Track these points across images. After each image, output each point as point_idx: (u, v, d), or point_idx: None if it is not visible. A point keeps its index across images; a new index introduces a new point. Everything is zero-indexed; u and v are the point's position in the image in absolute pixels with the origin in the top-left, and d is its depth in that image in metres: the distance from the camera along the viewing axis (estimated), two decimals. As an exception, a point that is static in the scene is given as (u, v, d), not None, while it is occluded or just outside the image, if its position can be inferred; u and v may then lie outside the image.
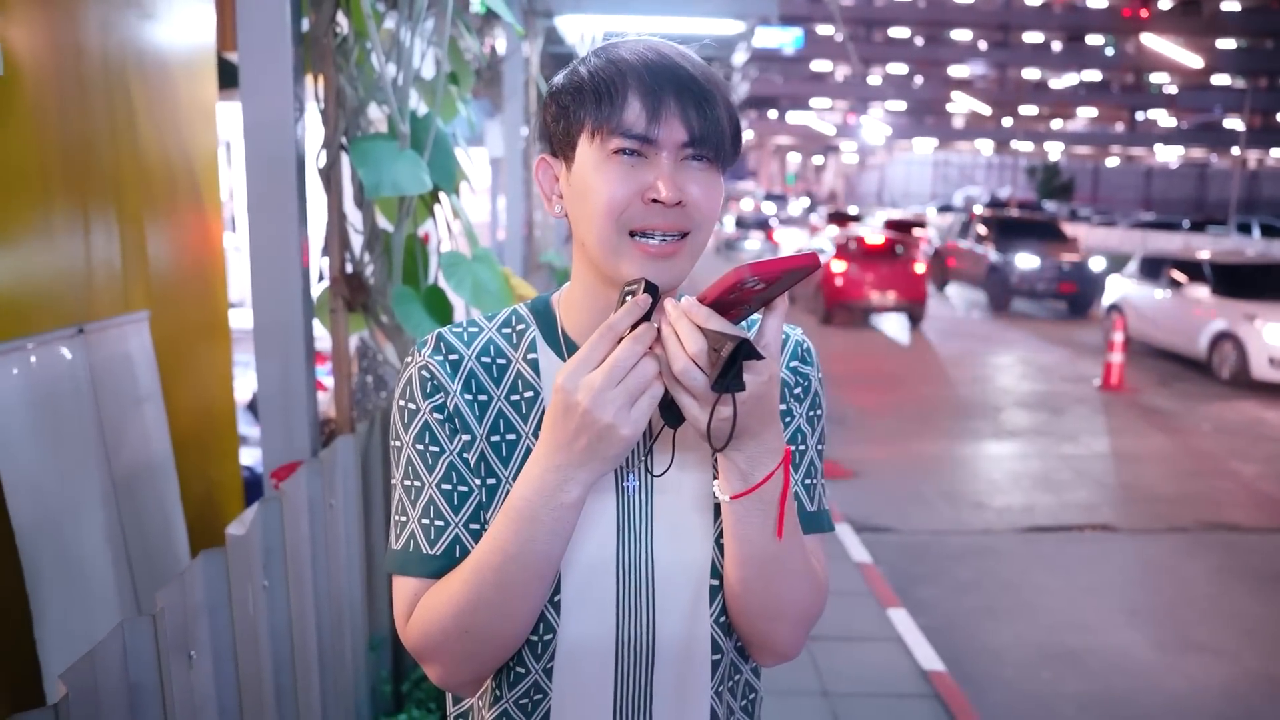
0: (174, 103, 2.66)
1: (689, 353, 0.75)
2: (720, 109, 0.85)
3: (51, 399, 2.02)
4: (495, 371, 0.92)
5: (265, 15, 1.95)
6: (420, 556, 0.87)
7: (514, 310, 0.97)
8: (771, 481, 0.82)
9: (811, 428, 0.97)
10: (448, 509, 0.88)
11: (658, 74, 0.83)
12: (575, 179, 0.86)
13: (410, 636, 0.87)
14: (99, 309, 2.25)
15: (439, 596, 0.85)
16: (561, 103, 0.87)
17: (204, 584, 1.34)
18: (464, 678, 0.88)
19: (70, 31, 2.16)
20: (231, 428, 3.16)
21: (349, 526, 2.07)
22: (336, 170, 2.21)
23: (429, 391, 0.89)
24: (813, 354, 0.99)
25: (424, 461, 0.89)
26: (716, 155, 0.85)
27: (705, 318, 0.76)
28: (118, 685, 1.12)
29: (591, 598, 0.89)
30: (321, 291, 2.34)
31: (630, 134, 0.82)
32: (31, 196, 2.00)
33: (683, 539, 0.91)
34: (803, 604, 0.91)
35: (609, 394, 0.75)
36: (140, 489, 2.35)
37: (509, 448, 0.90)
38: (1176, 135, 54.79)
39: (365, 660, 2.17)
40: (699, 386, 0.76)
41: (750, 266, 0.72)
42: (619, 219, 0.83)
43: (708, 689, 0.91)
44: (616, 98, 0.82)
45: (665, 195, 0.81)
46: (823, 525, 0.97)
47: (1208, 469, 6.52)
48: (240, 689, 1.48)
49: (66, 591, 1.97)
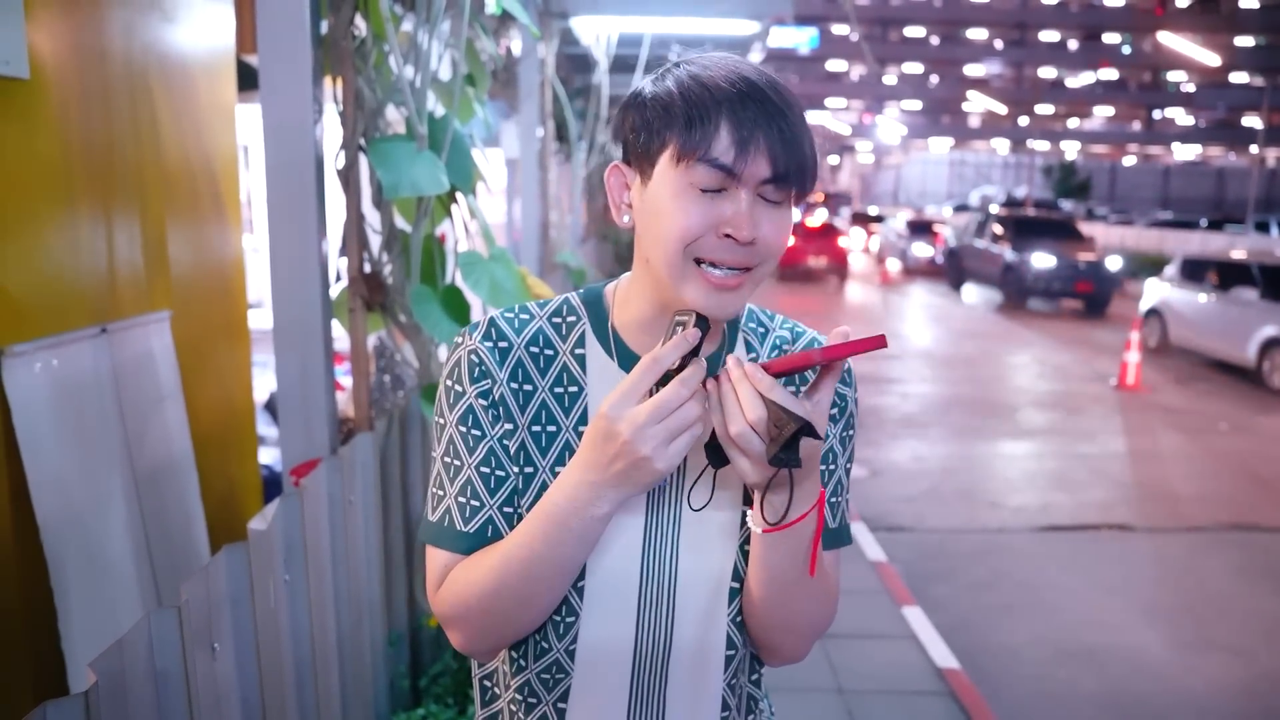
0: (195, 105, 2.70)
1: (749, 419, 0.77)
2: (805, 145, 0.84)
3: (75, 397, 2.05)
4: (542, 362, 0.93)
5: (285, 18, 1.98)
6: (454, 533, 0.90)
7: (566, 300, 0.97)
8: (807, 521, 0.84)
9: (843, 447, 0.99)
10: (484, 491, 0.90)
11: (751, 105, 0.81)
12: (650, 196, 0.86)
13: (439, 604, 0.91)
14: (121, 309, 2.28)
15: (468, 574, 0.88)
16: (646, 116, 0.86)
17: (227, 577, 1.37)
18: (483, 647, 0.92)
19: (94, 35, 2.19)
20: (251, 427, 3.20)
21: (368, 523, 2.10)
22: (355, 171, 2.24)
23: (476, 377, 0.91)
24: (851, 375, 0.99)
25: (465, 443, 0.91)
26: (797, 192, 0.85)
27: (769, 387, 0.77)
28: (144, 674, 1.14)
29: (614, 592, 0.92)
30: (340, 291, 2.37)
31: (717, 164, 0.81)
32: (56, 198, 2.04)
33: (706, 548, 0.94)
34: (816, 621, 0.95)
35: (650, 430, 0.77)
36: (162, 486, 2.39)
37: (549, 439, 0.92)
38: (1194, 133, 54.26)
39: (384, 655, 2.20)
40: (755, 451, 0.78)
41: (822, 351, 0.76)
42: (689, 248, 0.83)
43: (721, 680, 0.95)
44: (708, 124, 0.81)
45: (743, 236, 0.82)
46: (841, 540, 1.00)
47: (1225, 468, 6.47)
48: (262, 680, 1.51)
49: (90, 585, 2.00)
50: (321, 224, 2.11)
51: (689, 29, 5.16)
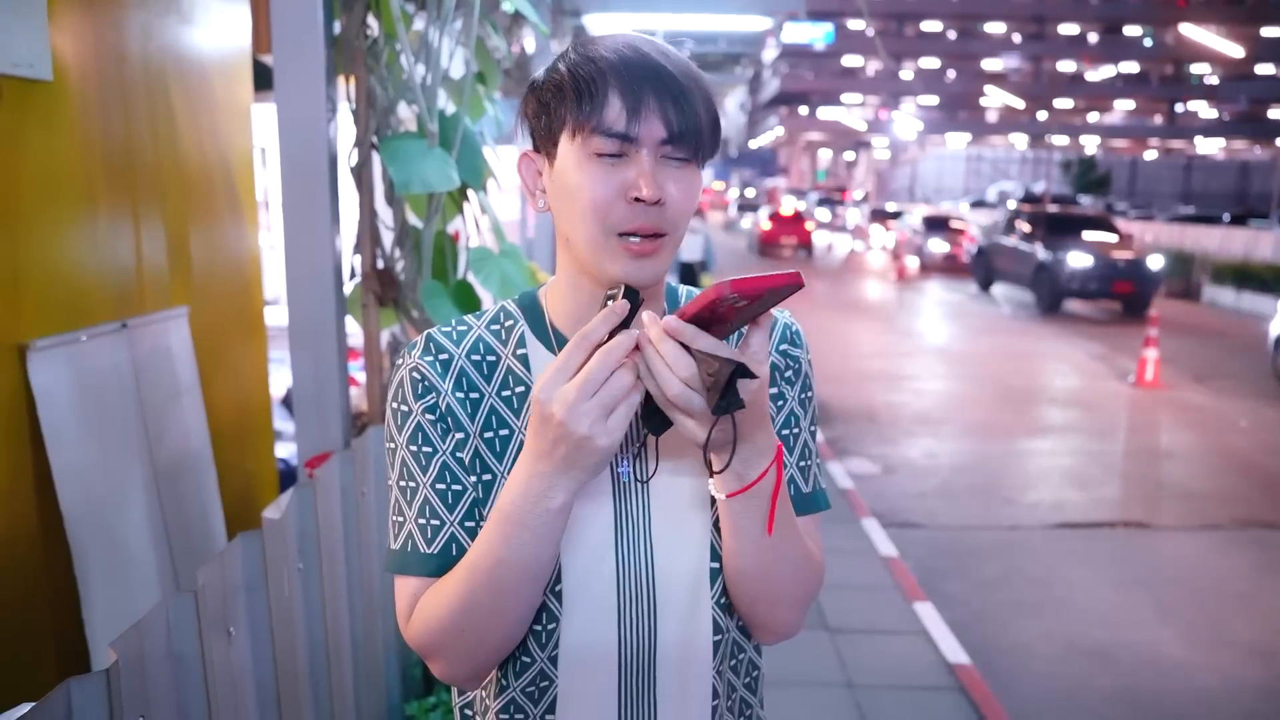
0: (211, 105, 2.75)
1: (682, 377, 0.75)
2: (699, 105, 0.85)
3: (97, 390, 2.10)
4: (485, 368, 0.93)
5: (299, 18, 2.02)
6: (419, 556, 0.89)
7: (502, 307, 0.97)
8: (768, 479, 0.83)
9: (804, 410, 0.99)
10: (443, 508, 0.89)
11: (637, 71, 0.83)
12: (558, 176, 0.87)
13: (411, 635, 0.90)
14: (141, 304, 2.33)
15: (436, 597, 0.87)
16: (542, 99, 0.88)
17: (242, 564, 1.41)
18: (465, 673, 0.90)
19: (114, 37, 2.24)
20: (267, 421, 3.25)
21: (380, 514, 2.14)
22: (368, 168, 2.27)
23: (420, 392, 0.90)
24: (801, 337, 1.00)
25: (418, 462, 0.90)
26: (695, 152, 0.86)
27: (692, 336, 0.75)
28: (162, 656, 1.18)
29: (592, 589, 0.90)
30: (353, 287, 2.41)
31: (611, 133, 0.83)
32: (78, 196, 2.09)
33: (680, 531, 0.92)
34: (800, 587, 0.93)
35: (583, 406, 0.75)
36: (180, 478, 2.44)
37: (503, 443, 0.91)
38: (1217, 127, 53.56)
39: (396, 644, 2.24)
40: (696, 409, 0.76)
41: (731, 283, 0.72)
42: (605, 221, 0.84)
43: (709, 668, 0.93)
44: (597, 95, 0.83)
45: (647, 194, 0.82)
46: (818, 504, 0.99)
47: (1244, 466, 6.41)
48: (276, 666, 1.55)
49: (111, 574, 2.05)
50: (335, 221, 2.15)
51: (701, 25, 5.18)
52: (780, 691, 3.30)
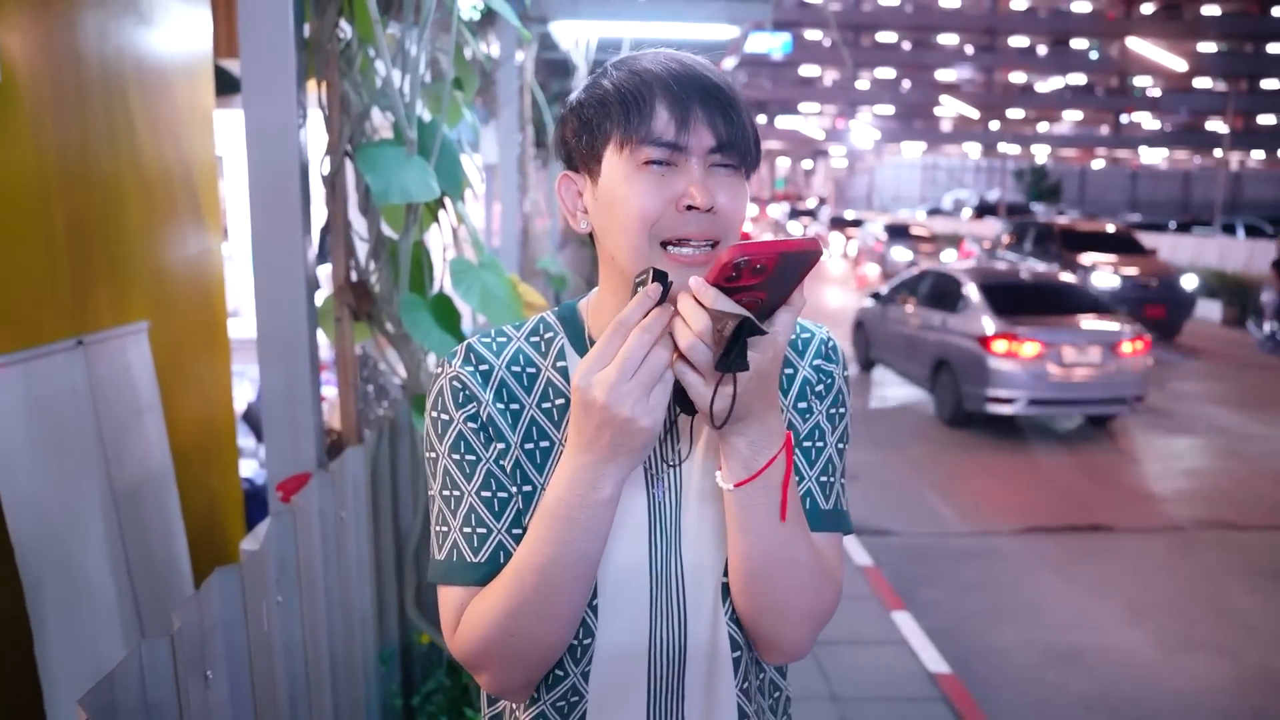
0: (172, 110, 2.63)
1: (694, 330, 0.75)
2: (744, 115, 0.86)
3: (51, 412, 1.98)
4: (526, 380, 0.92)
5: (267, 21, 1.93)
6: (465, 565, 0.87)
7: (541, 319, 0.97)
8: (775, 467, 0.82)
9: (832, 425, 0.97)
10: (489, 516, 0.88)
11: (684, 82, 0.84)
12: (602, 192, 0.87)
13: (459, 645, 0.88)
14: (98, 320, 2.21)
15: (483, 604, 0.85)
16: (584, 116, 0.87)
17: (219, 602, 1.31)
18: (514, 683, 0.88)
19: (68, 38, 2.13)
20: (231, 439, 3.12)
21: (359, 539, 2.04)
22: (341, 177, 2.18)
23: (461, 401, 0.90)
24: (838, 352, 0.99)
25: (461, 471, 0.89)
26: (742, 161, 0.86)
27: (713, 299, 0.75)
28: (136, 707, 1.09)
29: (627, 601, 0.89)
30: (325, 299, 2.31)
31: (660, 142, 0.82)
32: (30, 206, 1.97)
33: (707, 539, 0.91)
34: (811, 601, 0.89)
35: (624, 387, 0.76)
36: (141, 501, 2.32)
37: (543, 455, 0.90)
38: (1160, 138, 55.27)
39: (376, 674, 2.14)
40: (704, 363, 0.76)
41: (741, 246, 0.72)
42: (652, 230, 0.83)
43: (733, 687, 0.92)
44: (645, 107, 0.83)
45: (700, 201, 0.82)
46: (839, 525, 0.96)
47: (1204, 468, 6.55)
48: (256, 706, 1.45)
49: (68, 607, 1.93)
50: (307, 231, 2.05)
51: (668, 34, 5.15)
52: None
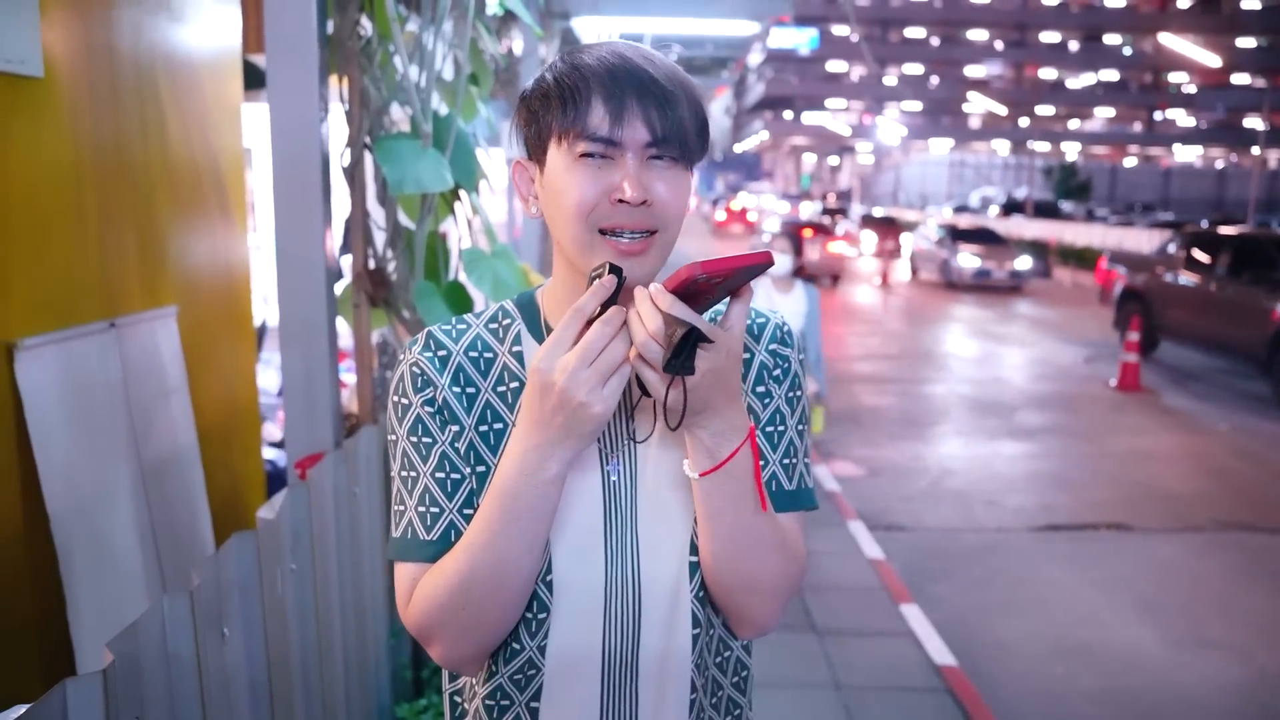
0: (201, 103, 2.73)
1: (649, 330, 0.80)
2: (683, 108, 0.88)
3: (85, 390, 2.08)
4: (482, 365, 0.96)
5: (292, 18, 2.01)
6: (418, 543, 0.92)
7: (501, 306, 1.01)
8: (740, 457, 0.86)
9: (791, 408, 1.00)
10: (442, 496, 0.92)
11: (619, 77, 0.86)
12: (548, 181, 0.91)
13: (411, 617, 0.92)
14: (129, 304, 2.31)
15: (434, 578, 0.90)
16: (531, 108, 0.91)
17: (236, 564, 1.40)
18: (464, 653, 0.92)
19: (104, 34, 2.22)
20: (255, 422, 3.23)
21: (371, 514, 2.13)
22: (360, 168, 2.27)
23: (419, 386, 0.94)
24: (792, 337, 1.03)
25: (418, 453, 0.93)
26: (681, 154, 0.88)
27: (669, 304, 0.80)
28: (157, 655, 1.17)
29: (581, 577, 0.92)
30: (344, 287, 2.40)
31: (594, 137, 0.86)
32: (67, 195, 2.07)
33: (665, 517, 0.94)
34: (776, 577, 0.94)
35: (582, 374, 0.80)
36: (167, 478, 2.42)
37: (496, 436, 0.94)
38: (1195, 135, 54.27)
39: (386, 646, 2.23)
40: (655, 359, 0.81)
41: (701, 265, 0.77)
42: (589, 219, 0.87)
43: (689, 661, 0.94)
44: (581, 102, 0.86)
45: (630, 195, 0.85)
46: (802, 503, 0.99)
47: (1223, 469, 6.50)
48: (269, 666, 1.54)
49: (97, 574, 2.03)
50: (327, 221, 2.14)
51: (689, 29, 5.20)
52: (768, 693, 3.31)
